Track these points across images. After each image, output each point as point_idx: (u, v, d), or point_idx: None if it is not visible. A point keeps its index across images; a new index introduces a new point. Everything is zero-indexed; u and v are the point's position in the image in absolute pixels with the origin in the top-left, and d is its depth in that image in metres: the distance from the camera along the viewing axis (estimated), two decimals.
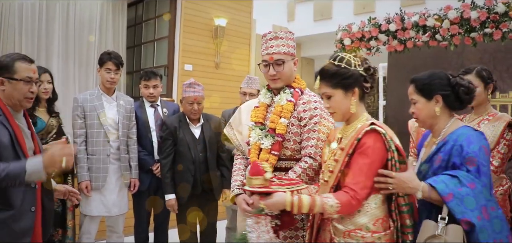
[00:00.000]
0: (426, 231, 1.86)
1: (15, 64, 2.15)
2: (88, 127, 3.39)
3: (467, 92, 2.02)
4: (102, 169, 3.35)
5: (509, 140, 2.73)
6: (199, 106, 3.53)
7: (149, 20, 6.73)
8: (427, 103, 2.04)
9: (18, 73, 2.14)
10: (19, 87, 2.15)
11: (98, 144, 3.38)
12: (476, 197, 1.78)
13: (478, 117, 2.90)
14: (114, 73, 3.45)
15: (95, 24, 5.94)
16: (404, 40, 4.59)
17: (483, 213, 1.78)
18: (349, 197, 1.79)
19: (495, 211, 1.82)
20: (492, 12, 3.90)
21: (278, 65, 2.30)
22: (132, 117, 3.63)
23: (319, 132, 2.23)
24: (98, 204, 3.36)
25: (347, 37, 4.99)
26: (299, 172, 2.19)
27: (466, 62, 4.53)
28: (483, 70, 2.84)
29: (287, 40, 2.33)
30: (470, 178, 1.82)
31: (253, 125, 2.39)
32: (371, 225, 1.84)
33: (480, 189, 1.80)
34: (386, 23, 4.63)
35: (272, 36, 2.33)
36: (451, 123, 2.04)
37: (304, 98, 2.33)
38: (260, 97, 2.49)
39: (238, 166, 2.51)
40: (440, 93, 2.02)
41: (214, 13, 6.48)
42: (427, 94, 2.04)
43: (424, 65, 4.82)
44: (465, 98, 2.03)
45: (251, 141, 2.36)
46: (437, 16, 4.26)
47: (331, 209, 1.79)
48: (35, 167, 1.95)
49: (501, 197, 2.76)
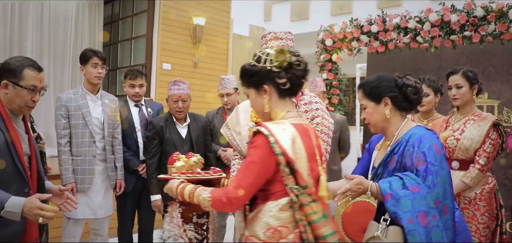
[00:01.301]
0: (369, 231, 1.87)
1: (24, 71, 2.08)
2: (73, 127, 3.28)
3: (415, 92, 2.00)
4: (88, 170, 3.27)
5: (494, 139, 2.85)
6: (184, 104, 3.49)
7: (126, 18, 6.60)
8: (377, 107, 2.01)
9: (24, 81, 2.08)
10: (22, 94, 2.08)
11: (84, 145, 3.28)
12: (414, 201, 1.76)
13: (464, 117, 3.00)
14: (101, 67, 3.38)
15: (71, 21, 5.79)
16: (386, 41, 4.68)
17: (418, 218, 1.74)
18: (221, 194, 1.71)
19: (436, 221, 1.77)
20: (471, 16, 4.04)
21: None
22: (117, 117, 3.55)
23: (321, 133, 2.24)
24: (83, 206, 3.26)
25: (329, 38, 5.05)
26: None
27: (443, 64, 4.66)
28: (469, 71, 2.95)
29: (287, 41, 2.36)
30: (415, 182, 1.81)
31: (253, 125, 2.35)
32: (261, 234, 1.71)
33: (423, 195, 1.78)
34: (368, 25, 4.71)
35: (272, 36, 2.34)
36: (403, 124, 2.01)
37: (305, 99, 2.35)
38: None
39: (237, 167, 2.48)
40: (388, 96, 1.99)
41: (193, 12, 6.43)
42: (375, 98, 2.01)
43: (403, 67, 4.94)
44: (413, 99, 2.00)
45: None
46: (418, 18, 4.36)
47: (204, 201, 1.74)
48: (13, 209, 1.87)
49: (487, 194, 2.87)
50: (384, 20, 4.62)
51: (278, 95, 1.81)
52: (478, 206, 2.86)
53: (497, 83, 4.28)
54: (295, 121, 1.79)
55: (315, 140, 1.84)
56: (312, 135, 1.85)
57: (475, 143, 2.86)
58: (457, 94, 2.97)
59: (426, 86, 3.32)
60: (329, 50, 5.12)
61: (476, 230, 2.84)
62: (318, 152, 1.83)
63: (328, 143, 2.27)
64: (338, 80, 5.17)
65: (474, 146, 2.87)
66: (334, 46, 5.08)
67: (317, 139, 1.90)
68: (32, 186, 2.12)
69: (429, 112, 3.40)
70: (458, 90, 2.97)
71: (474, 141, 2.87)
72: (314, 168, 1.77)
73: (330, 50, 5.12)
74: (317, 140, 1.89)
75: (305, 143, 1.76)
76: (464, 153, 2.91)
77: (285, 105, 1.83)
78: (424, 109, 3.37)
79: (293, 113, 1.84)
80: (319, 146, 1.87)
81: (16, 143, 2.06)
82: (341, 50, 5.11)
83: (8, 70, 2.07)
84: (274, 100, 1.81)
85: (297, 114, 1.87)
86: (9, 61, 2.10)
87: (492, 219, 2.86)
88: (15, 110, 2.12)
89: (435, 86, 3.32)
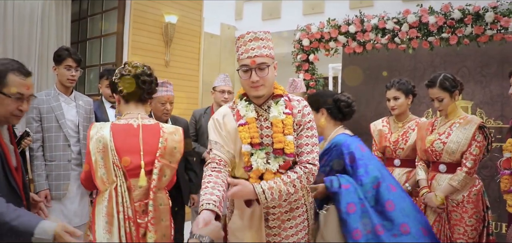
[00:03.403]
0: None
1: (8, 76, 1.85)
2: (45, 130, 3.10)
3: (347, 106, 2.56)
4: (62, 176, 3.10)
5: (480, 142, 2.87)
6: (171, 106, 3.38)
7: (95, 14, 6.35)
8: (316, 115, 2.55)
9: (8, 87, 1.85)
10: (6, 103, 1.85)
11: (57, 149, 3.11)
12: (345, 195, 2.28)
13: (449, 121, 3.01)
14: (75, 70, 3.20)
15: (37, 18, 5.50)
16: (364, 42, 4.68)
17: (347, 207, 2.26)
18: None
19: (364, 208, 2.26)
20: (448, 18, 4.09)
21: (261, 70, 2.01)
22: (92, 119, 3.40)
23: (313, 137, 2.12)
24: (58, 214, 3.08)
25: (306, 38, 5.01)
26: (301, 174, 2.05)
27: (418, 65, 4.72)
28: (446, 81, 2.95)
29: (267, 41, 2.06)
30: (348, 181, 2.33)
31: (250, 148, 2.05)
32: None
33: (352, 190, 2.29)
34: (345, 25, 4.70)
35: (252, 37, 2.03)
36: (335, 131, 2.55)
37: (296, 106, 2.15)
38: (242, 112, 2.11)
39: (215, 180, 1.99)
40: (325, 107, 2.57)
41: (165, 9, 6.26)
42: (315, 108, 2.55)
43: (378, 67, 4.97)
44: (346, 111, 2.57)
45: (253, 166, 2.04)
46: (396, 19, 4.39)
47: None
48: (45, 235, 1.71)
49: (474, 197, 2.89)
50: (362, 21, 4.62)
51: (124, 102, 2.32)
52: (466, 208, 2.87)
53: (470, 84, 4.36)
54: (123, 121, 2.23)
55: (141, 137, 2.20)
56: (141, 135, 2.21)
57: (462, 146, 2.88)
58: (440, 106, 3.01)
59: (396, 89, 3.35)
60: (306, 50, 5.09)
61: (464, 232, 2.86)
62: (144, 149, 2.18)
63: (317, 145, 2.16)
64: (315, 80, 5.15)
65: (461, 149, 2.88)
66: (311, 46, 5.05)
67: (152, 137, 2.22)
68: (25, 201, 1.94)
69: (402, 114, 3.42)
70: (440, 103, 2.99)
71: (461, 144, 2.89)
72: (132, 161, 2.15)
73: (307, 50, 5.09)
74: (152, 137, 2.22)
75: (118, 139, 2.15)
76: (450, 156, 2.93)
77: (128, 108, 2.30)
78: (396, 113, 3.39)
79: (130, 115, 2.28)
80: (152, 143, 2.20)
81: (8, 157, 1.86)
82: (318, 50, 5.08)
83: None
84: (122, 106, 2.33)
85: (133, 116, 2.27)
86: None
87: (479, 221, 2.88)
88: (2, 121, 1.91)
89: (405, 89, 3.34)
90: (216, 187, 1.94)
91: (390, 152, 3.42)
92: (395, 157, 3.40)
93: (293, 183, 2.04)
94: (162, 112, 3.36)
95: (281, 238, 2.15)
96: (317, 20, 5.09)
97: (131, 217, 2.11)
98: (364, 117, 4.96)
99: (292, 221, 2.16)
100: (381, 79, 4.85)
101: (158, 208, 2.19)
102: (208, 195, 1.89)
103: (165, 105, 3.34)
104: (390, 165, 3.46)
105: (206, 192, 1.92)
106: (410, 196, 3.25)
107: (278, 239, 2.15)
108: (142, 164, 2.15)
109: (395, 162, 3.41)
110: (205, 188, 1.95)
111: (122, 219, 2.09)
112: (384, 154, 3.51)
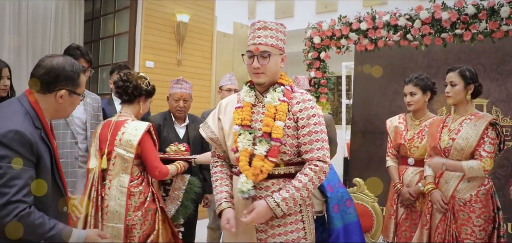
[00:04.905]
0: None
1: (80, 77, 1.95)
2: (53, 127, 3.11)
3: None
4: (70, 174, 3.10)
5: (493, 139, 2.75)
6: (185, 104, 3.40)
7: (108, 14, 6.40)
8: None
9: (80, 88, 1.96)
10: (77, 102, 1.98)
11: (65, 146, 3.12)
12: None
13: (461, 117, 2.92)
14: (87, 71, 3.20)
15: (50, 18, 5.56)
16: (375, 39, 4.61)
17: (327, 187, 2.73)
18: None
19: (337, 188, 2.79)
20: (462, 14, 3.99)
21: (263, 58, 2.07)
22: (100, 116, 3.41)
23: (321, 132, 2.08)
24: None
25: (317, 35, 4.96)
26: (312, 175, 2.02)
27: (432, 62, 4.62)
28: (466, 70, 2.86)
29: (277, 32, 2.10)
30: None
31: (240, 128, 2.12)
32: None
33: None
34: (357, 22, 4.63)
35: (261, 25, 2.09)
36: None
37: (297, 96, 2.14)
38: (242, 96, 2.22)
39: (220, 175, 2.23)
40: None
41: (177, 9, 6.26)
42: None
43: (391, 65, 4.89)
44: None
45: (239, 147, 2.09)
46: (409, 16, 4.30)
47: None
48: (78, 240, 1.84)
49: (483, 196, 2.78)
50: (374, 18, 4.55)
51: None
52: (473, 208, 2.76)
53: (485, 82, 4.23)
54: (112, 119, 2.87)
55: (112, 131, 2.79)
56: (112, 128, 2.79)
57: (471, 143, 2.77)
58: (450, 91, 2.89)
59: (413, 84, 3.27)
60: (317, 48, 5.03)
61: (471, 233, 2.75)
62: (109, 140, 2.76)
63: (328, 141, 2.12)
64: (326, 78, 5.08)
65: (470, 146, 2.77)
66: (322, 44, 4.99)
67: (115, 130, 2.76)
68: (67, 204, 2.00)
69: (419, 112, 3.34)
70: (451, 88, 2.88)
71: (470, 140, 2.78)
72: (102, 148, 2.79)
73: (318, 48, 5.03)
74: (115, 130, 2.76)
75: (102, 132, 2.83)
76: (459, 153, 2.82)
77: (122, 108, 2.94)
78: (411, 109, 3.31)
79: (119, 113, 2.91)
80: (115, 135, 2.75)
81: (57, 156, 1.89)
82: (329, 48, 5.02)
83: (67, 77, 1.87)
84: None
85: (119, 114, 2.90)
86: (67, 67, 1.88)
87: (489, 222, 2.76)
88: (58, 118, 2.03)
89: (423, 85, 3.25)
90: (223, 184, 2.20)
91: (404, 150, 3.34)
92: (409, 156, 3.32)
93: (306, 186, 2.02)
94: (175, 109, 3.38)
95: (267, 235, 2.10)
96: (330, 18, 5.02)
97: (99, 192, 2.72)
98: (377, 116, 4.89)
99: (281, 219, 2.10)
100: (394, 78, 4.78)
101: (115, 187, 2.72)
102: (219, 194, 2.18)
103: (178, 103, 3.36)
104: (404, 163, 3.38)
105: (216, 191, 2.20)
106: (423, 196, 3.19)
107: (263, 236, 2.11)
108: (105, 151, 2.76)
109: (409, 161, 3.33)
110: (214, 187, 2.22)
111: (94, 191, 2.73)
112: (399, 152, 3.44)
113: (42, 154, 1.78)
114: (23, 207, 1.66)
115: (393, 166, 3.44)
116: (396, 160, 3.47)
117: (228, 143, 2.20)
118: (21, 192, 1.66)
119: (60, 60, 1.89)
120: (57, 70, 1.86)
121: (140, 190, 2.73)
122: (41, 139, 1.80)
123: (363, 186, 3.45)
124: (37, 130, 1.79)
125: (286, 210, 2.01)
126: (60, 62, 1.88)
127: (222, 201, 2.14)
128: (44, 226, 1.71)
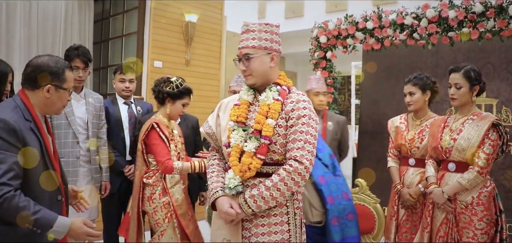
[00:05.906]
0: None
1: (66, 72, 2.07)
2: (55, 127, 3.13)
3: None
4: (71, 173, 3.11)
5: (494, 140, 2.70)
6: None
7: (117, 14, 6.46)
8: None
9: (67, 83, 2.07)
10: (64, 96, 2.09)
11: (67, 146, 3.13)
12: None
13: (463, 117, 2.87)
14: (82, 71, 3.22)
15: (60, 19, 5.63)
16: (381, 38, 4.55)
17: (319, 179, 2.75)
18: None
19: (331, 179, 2.81)
20: (469, 12, 3.92)
21: (246, 60, 2.12)
22: (102, 116, 3.42)
23: (307, 133, 2.03)
24: None
25: (323, 35, 4.92)
26: (284, 175, 1.99)
27: (440, 62, 4.55)
28: (471, 71, 2.80)
29: (260, 33, 2.11)
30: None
31: (234, 124, 2.14)
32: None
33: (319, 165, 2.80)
34: (363, 21, 4.58)
35: (244, 29, 2.14)
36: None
37: (292, 97, 2.13)
38: (241, 95, 2.25)
39: (217, 167, 2.25)
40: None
41: (185, 8, 6.28)
42: None
43: (399, 64, 4.82)
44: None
45: (231, 142, 2.11)
46: (415, 14, 4.24)
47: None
48: (61, 228, 1.87)
49: (485, 199, 2.72)
50: (380, 17, 4.49)
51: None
52: (475, 210, 2.70)
53: (495, 82, 4.16)
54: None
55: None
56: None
57: (472, 143, 2.71)
58: (455, 94, 2.83)
59: (411, 84, 3.23)
60: (323, 48, 4.99)
61: (473, 236, 2.69)
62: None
63: (314, 145, 2.08)
64: (333, 78, 5.04)
65: (471, 147, 2.72)
66: (329, 44, 4.95)
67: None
68: (63, 193, 2.08)
69: (420, 111, 3.28)
70: (456, 91, 2.82)
71: (471, 141, 2.72)
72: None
73: (324, 48, 4.99)
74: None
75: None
76: (460, 153, 2.76)
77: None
78: (411, 109, 3.27)
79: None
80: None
81: (49, 148, 2.00)
82: (335, 47, 4.98)
83: (51, 73, 2.02)
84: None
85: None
86: (50, 64, 2.04)
87: (491, 225, 2.70)
88: (49, 113, 2.13)
89: (421, 84, 3.21)
90: (219, 175, 2.21)
91: (405, 150, 3.30)
92: (410, 156, 3.28)
93: (277, 186, 1.99)
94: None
95: (251, 233, 2.08)
96: (341, 17, 4.98)
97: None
98: (385, 115, 4.82)
99: (266, 218, 2.07)
100: (402, 77, 4.69)
101: (137, 177, 3.17)
102: (214, 183, 2.16)
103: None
104: (404, 164, 3.34)
105: (212, 181, 2.19)
106: (423, 197, 3.14)
107: (247, 234, 2.09)
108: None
109: (410, 161, 3.28)
110: (210, 178, 2.22)
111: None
112: (400, 153, 3.39)
113: (29, 143, 1.89)
114: (7, 189, 1.76)
115: (394, 167, 3.39)
116: (397, 161, 3.42)
117: (223, 138, 2.21)
118: (5, 175, 1.77)
119: (45, 59, 2.05)
120: (42, 67, 2.01)
121: (151, 182, 3.06)
122: (31, 130, 1.93)
123: (365, 187, 3.41)
124: (27, 122, 1.93)
125: (255, 208, 2.01)
126: (45, 60, 2.04)
127: (217, 189, 2.14)
128: (28, 210, 1.79)
